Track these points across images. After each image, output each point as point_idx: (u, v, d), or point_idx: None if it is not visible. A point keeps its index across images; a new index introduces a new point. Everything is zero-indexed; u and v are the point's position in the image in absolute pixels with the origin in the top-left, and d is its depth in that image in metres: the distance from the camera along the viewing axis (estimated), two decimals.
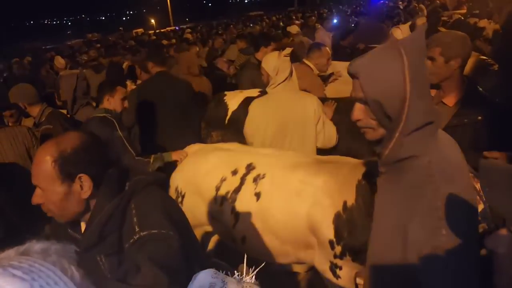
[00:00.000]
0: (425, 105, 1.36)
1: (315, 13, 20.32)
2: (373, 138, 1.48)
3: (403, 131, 1.35)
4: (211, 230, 2.96)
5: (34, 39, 45.31)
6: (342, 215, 2.32)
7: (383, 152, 1.43)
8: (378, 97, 1.34)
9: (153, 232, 1.48)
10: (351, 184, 2.34)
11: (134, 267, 1.37)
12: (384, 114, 1.37)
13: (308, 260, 2.57)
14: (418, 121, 1.34)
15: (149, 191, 1.63)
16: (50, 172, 1.48)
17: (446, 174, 1.37)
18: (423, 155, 1.38)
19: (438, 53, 2.44)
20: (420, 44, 1.36)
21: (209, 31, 17.96)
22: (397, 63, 1.32)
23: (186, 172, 3.00)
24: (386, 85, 1.33)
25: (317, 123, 3.20)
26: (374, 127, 1.44)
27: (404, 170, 1.42)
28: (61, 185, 1.50)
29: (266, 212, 2.54)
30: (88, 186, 1.54)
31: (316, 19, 14.55)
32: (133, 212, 1.55)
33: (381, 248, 1.51)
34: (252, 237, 2.60)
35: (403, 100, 1.32)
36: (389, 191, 1.50)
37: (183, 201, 2.92)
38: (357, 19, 11.37)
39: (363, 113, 1.44)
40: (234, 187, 2.69)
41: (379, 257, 1.54)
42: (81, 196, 1.54)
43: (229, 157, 2.88)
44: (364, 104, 1.42)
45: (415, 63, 1.32)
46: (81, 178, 1.53)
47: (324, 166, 2.55)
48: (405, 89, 1.31)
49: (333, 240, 2.34)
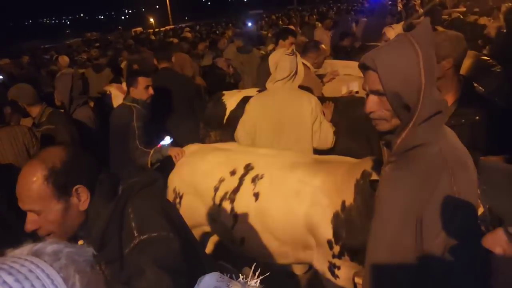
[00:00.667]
0: (436, 95, 1.43)
1: (315, 11, 20.28)
2: (385, 129, 1.51)
3: (417, 121, 1.39)
4: (210, 231, 2.96)
5: (33, 38, 45.20)
6: (341, 215, 2.32)
7: (396, 141, 1.46)
8: (398, 89, 1.38)
9: (153, 236, 1.46)
10: (350, 184, 2.33)
11: (138, 271, 1.36)
12: (401, 105, 1.41)
13: (307, 261, 2.57)
14: (431, 110, 1.39)
15: (145, 194, 1.61)
16: (44, 191, 1.40)
17: (460, 161, 1.43)
18: (433, 143, 1.43)
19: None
20: (429, 36, 1.41)
21: (208, 30, 17.94)
22: (412, 55, 1.37)
23: (184, 172, 2.99)
24: (405, 76, 1.38)
25: (313, 123, 3.20)
26: (388, 118, 1.47)
27: (415, 158, 1.45)
28: (58, 202, 1.44)
29: (264, 212, 2.54)
30: (86, 196, 1.50)
31: (316, 18, 14.52)
32: (130, 216, 1.52)
33: (390, 234, 1.51)
34: (251, 237, 2.59)
35: (419, 90, 1.37)
36: (399, 178, 1.50)
37: (181, 202, 2.92)
38: (357, 18, 11.34)
39: (377, 105, 1.47)
40: (233, 188, 2.69)
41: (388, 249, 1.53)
42: (80, 208, 1.50)
43: (228, 157, 2.87)
44: (378, 95, 1.45)
45: (427, 54, 1.37)
46: (77, 190, 1.47)
47: (322, 166, 2.54)
48: (421, 80, 1.36)
49: (331, 240, 2.34)
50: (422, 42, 1.38)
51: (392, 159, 1.53)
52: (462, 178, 1.38)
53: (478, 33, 5.86)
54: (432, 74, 1.40)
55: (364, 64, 1.46)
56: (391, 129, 1.49)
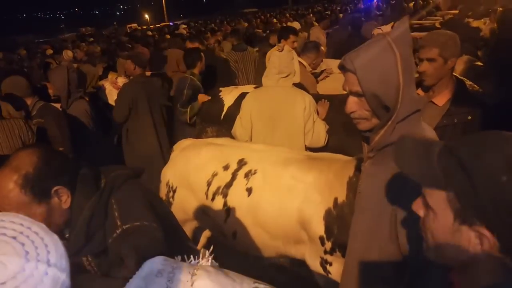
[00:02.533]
0: (414, 93, 1.46)
1: (310, 11, 20.32)
2: (366, 128, 1.54)
3: (396, 119, 1.42)
4: (202, 225, 2.96)
5: (27, 33, 44.85)
6: (333, 211, 2.33)
7: (374, 137, 1.49)
8: (376, 90, 1.40)
9: (136, 225, 1.47)
10: (342, 181, 2.34)
11: (118, 259, 1.37)
12: (380, 105, 1.43)
13: (298, 256, 2.57)
14: (409, 109, 1.42)
15: (129, 185, 1.61)
16: (22, 199, 1.39)
17: None
18: None
19: (437, 54, 2.44)
20: (407, 35, 1.43)
21: (204, 27, 17.88)
22: (390, 56, 1.38)
23: (178, 166, 2.99)
24: (383, 77, 1.39)
25: (307, 122, 3.21)
26: (368, 117, 1.50)
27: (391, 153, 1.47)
28: (40, 206, 1.42)
29: (257, 207, 2.55)
30: (67, 195, 1.49)
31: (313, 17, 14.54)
32: (114, 207, 1.53)
33: (368, 226, 1.57)
34: (243, 232, 2.60)
35: (397, 90, 1.39)
36: (377, 173, 1.55)
37: (174, 196, 2.92)
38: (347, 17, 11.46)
39: (356, 105, 1.49)
40: (226, 182, 2.70)
41: (364, 238, 1.60)
42: (63, 207, 1.49)
43: (221, 152, 2.88)
44: (358, 96, 1.47)
45: (404, 54, 1.39)
46: (57, 191, 1.46)
47: (315, 162, 2.55)
48: (399, 80, 1.38)
49: (323, 236, 2.35)
50: (400, 43, 1.39)
51: (371, 155, 1.58)
52: None
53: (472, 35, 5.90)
54: (411, 73, 1.42)
55: (343, 65, 1.47)
56: (372, 127, 1.52)
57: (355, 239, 1.69)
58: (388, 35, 1.42)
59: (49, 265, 0.85)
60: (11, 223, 0.89)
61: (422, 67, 2.50)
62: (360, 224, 1.65)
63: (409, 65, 1.41)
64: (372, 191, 1.57)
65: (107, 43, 12.58)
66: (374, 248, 1.55)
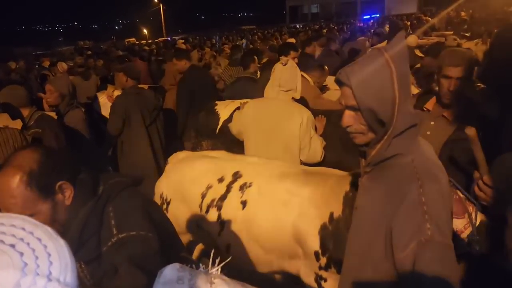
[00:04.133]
0: (411, 108, 1.46)
1: (307, 29, 20.56)
2: (362, 142, 1.53)
3: (392, 134, 1.41)
4: (196, 239, 2.92)
5: (26, 45, 45.02)
6: (328, 226, 2.30)
7: (370, 152, 1.49)
8: (371, 104, 1.40)
9: (132, 234, 1.45)
10: (338, 196, 2.32)
11: (112, 268, 1.34)
12: (376, 120, 1.42)
13: (293, 271, 2.53)
14: (406, 124, 1.42)
15: (126, 194, 1.60)
16: (28, 196, 1.39)
17: (430, 173, 1.44)
18: (406, 154, 1.46)
19: (462, 71, 2.45)
20: (403, 50, 1.43)
21: (201, 42, 18.02)
22: (385, 70, 1.38)
23: (172, 179, 2.96)
24: (378, 92, 1.39)
25: (303, 137, 3.20)
26: (364, 132, 1.49)
27: (389, 168, 1.48)
28: (45, 202, 1.42)
29: (252, 220, 2.52)
30: (70, 191, 1.49)
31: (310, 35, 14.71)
32: (110, 215, 1.51)
33: (363, 242, 1.55)
34: (237, 245, 2.56)
35: (393, 105, 1.38)
36: (373, 188, 1.55)
37: (168, 208, 2.88)
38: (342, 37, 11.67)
39: (353, 119, 1.48)
40: (220, 195, 2.67)
41: (359, 255, 1.58)
42: (66, 203, 1.48)
43: (216, 164, 2.85)
44: (354, 110, 1.46)
45: (400, 68, 1.39)
46: (61, 186, 1.46)
47: (311, 177, 2.53)
48: (395, 95, 1.37)
49: (318, 251, 2.32)
50: (396, 58, 1.39)
51: (367, 169, 1.57)
52: (431, 189, 1.38)
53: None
54: (407, 88, 1.42)
55: (339, 80, 1.47)
56: (368, 142, 1.51)
57: (349, 256, 1.67)
58: (384, 50, 1.42)
59: (50, 280, 0.74)
60: (11, 227, 0.79)
61: (450, 85, 2.48)
62: (355, 241, 1.63)
63: (405, 80, 1.41)
64: (368, 206, 1.56)
65: (105, 56, 12.62)
66: (368, 266, 1.53)
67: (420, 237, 1.33)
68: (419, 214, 1.35)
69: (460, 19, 13.52)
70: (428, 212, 1.34)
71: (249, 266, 2.57)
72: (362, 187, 1.64)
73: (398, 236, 1.38)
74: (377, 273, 1.49)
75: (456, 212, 2.07)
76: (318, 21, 43.21)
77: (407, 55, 1.46)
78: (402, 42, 1.44)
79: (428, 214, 1.34)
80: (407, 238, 1.35)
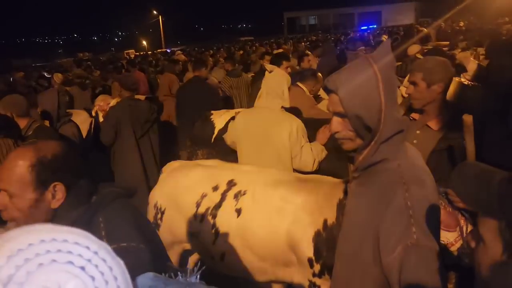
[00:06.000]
0: (397, 115, 1.48)
1: (304, 40, 20.69)
2: (350, 148, 1.54)
3: (379, 140, 1.43)
4: (190, 248, 2.91)
5: (25, 57, 45.24)
6: (322, 233, 2.31)
7: (358, 158, 1.50)
8: (358, 111, 1.42)
9: (122, 245, 1.43)
10: (332, 203, 2.33)
11: None
12: (363, 126, 1.44)
13: (286, 279, 2.53)
14: (392, 130, 1.43)
15: (118, 204, 1.59)
16: (25, 177, 1.41)
17: (416, 178, 1.45)
18: (393, 160, 1.47)
19: (420, 78, 2.49)
20: (389, 57, 1.45)
21: (200, 53, 18.12)
22: (371, 78, 1.40)
23: (166, 188, 2.96)
24: (364, 99, 1.41)
25: (293, 146, 3.19)
26: (352, 138, 1.51)
27: (376, 173, 1.50)
28: (33, 192, 1.43)
29: (246, 228, 2.52)
30: (61, 196, 1.48)
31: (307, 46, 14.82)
32: (101, 225, 1.50)
33: (352, 247, 1.55)
34: (232, 253, 2.56)
35: (379, 111, 1.40)
36: (361, 194, 1.56)
37: (162, 218, 2.88)
38: (339, 48, 11.73)
39: (341, 126, 1.50)
40: (215, 203, 2.67)
41: (348, 261, 1.58)
42: (51, 206, 1.47)
43: (210, 173, 2.86)
44: (341, 117, 1.48)
45: (386, 75, 1.41)
46: (55, 187, 1.46)
47: (305, 184, 2.54)
48: (381, 101, 1.39)
49: (312, 258, 2.32)
50: (382, 64, 1.42)
51: (355, 175, 1.59)
52: (417, 194, 1.39)
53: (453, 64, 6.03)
54: (393, 94, 1.44)
55: (326, 87, 1.50)
56: (356, 148, 1.53)
57: (339, 261, 1.67)
58: (370, 58, 1.45)
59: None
60: (75, 245, 0.69)
61: (407, 90, 2.60)
62: (344, 246, 1.64)
63: (391, 86, 1.43)
64: (356, 211, 1.57)
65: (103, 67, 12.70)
66: (357, 271, 1.53)
67: (406, 241, 1.33)
68: (405, 218, 1.36)
69: (455, 29, 13.66)
70: (414, 216, 1.35)
71: (244, 274, 2.56)
72: (351, 192, 1.66)
73: (385, 240, 1.39)
74: (366, 278, 1.49)
75: (448, 225, 2.09)
76: (316, 32, 43.56)
77: (393, 63, 1.49)
78: (389, 50, 1.47)
79: (414, 218, 1.35)
80: (394, 242, 1.35)
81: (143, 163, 4.55)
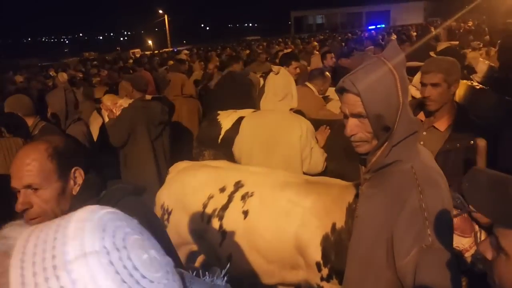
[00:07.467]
0: (411, 115, 1.47)
1: (312, 40, 20.61)
2: (366, 151, 1.51)
3: (393, 140, 1.41)
4: (197, 249, 2.89)
5: (31, 56, 45.52)
6: (330, 237, 2.28)
7: (370, 159, 1.48)
8: (379, 110, 1.40)
9: None
10: (341, 206, 2.31)
11: None
12: (382, 126, 1.42)
13: (293, 282, 2.51)
14: (407, 130, 1.42)
15: (128, 201, 1.58)
16: (48, 167, 1.44)
17: (430, 179, 1.44)
18: (406, 161, 1.45)
19: (442, 79, 2.44)
20: (401, 57, 1.45)
21: (206, 53, 18.12)
22: (390, 76, 1.39)
23: (173, 189, 2.94)
24: (385, 98, 1.40)
25: (303, 149, 3.16)
26: (369, 139, 1.48)
27: (389, 175, 1.48)
28: (58, 180, 1.47)
29: (253, 230, 2.49)
30: (81, 180, 1.53)
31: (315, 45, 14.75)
32: None
33: (364, 251, 1.54)
34: (238, 255, 2.54)
35: (397, 110, 1.39)
36: (373, 195, 1.53)
37: (169, 218, 2.86)
38: (347, 46, 11.64)
39: (358, 128, 1.47)
40: (222, 205, 2.65)
41: (360, 265, 1.56)
42: (73, 192, 1.52)
43: (217, 174, 2.84)
44: (359, 118, 1.45)
45: (401, 74, 1.41)
46: (75, 172, 1.52)
47: (313, 187, 2.51)
48: (399, 100, 1.39)
49: (320, 262, 2.29)
50: (396, 63, 1.41)
51: (367, 176, 1.56)
52: (431, 195, 1.38)
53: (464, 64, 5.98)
54: (407, 94, 1.44)
55: (343, 87, 1.47)
56: (371, 150, 1.50)
57: (351, 266, 1.65)
58: (383, 57, 1.43)
59: None
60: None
61: (427, 92, 2.48)
62: (356, 250, 1.62)
63: (406, 85, 1.44)
64: (369, 214, 1.54)
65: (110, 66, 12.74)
66: (370, 276, 1.51)
67: (421, 243, 1.32)
68: (420, 221, 1.35)
69: (465, 29, 13.56)
70: (429, 218, 1.34)
71: (251, 277, 2.54)
72: (362, 195, 1.63)
73: (399, 243, 1.37)
74: (379, 282, 1.47)
75: (463, 231, 2.07)
76: (323, 31, 43.41)
77: (405, 62, 1.48)
78: (398, 48, 1.47)
79: (429, 220, 1.34)
80: (409, 245, 1.34)
81: (157, 166, 4.45)
